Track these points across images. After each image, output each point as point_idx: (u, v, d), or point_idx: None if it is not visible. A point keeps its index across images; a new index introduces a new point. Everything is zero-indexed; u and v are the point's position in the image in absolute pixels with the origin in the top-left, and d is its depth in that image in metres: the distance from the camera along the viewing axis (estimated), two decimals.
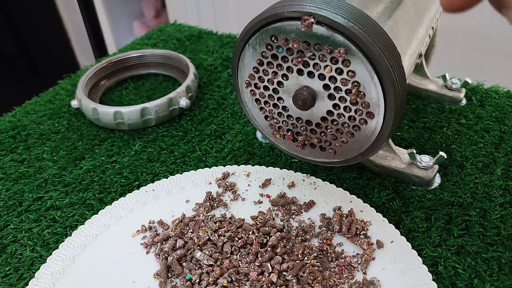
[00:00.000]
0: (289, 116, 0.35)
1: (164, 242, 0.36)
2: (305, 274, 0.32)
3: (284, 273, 0.33)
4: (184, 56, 0.59)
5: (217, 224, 0.36)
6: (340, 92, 0.32)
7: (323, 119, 0.34)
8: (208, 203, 0.39)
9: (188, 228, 0.37)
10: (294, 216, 0.38)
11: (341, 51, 0.29)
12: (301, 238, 0.35)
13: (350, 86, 0.31)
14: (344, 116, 0.33)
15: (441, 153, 0.40)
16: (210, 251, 0.34)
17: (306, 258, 0.34)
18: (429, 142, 0.46)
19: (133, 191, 0.41)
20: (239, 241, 0.35)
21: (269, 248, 0.34)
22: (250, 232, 0.36)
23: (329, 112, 0.33)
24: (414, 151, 0.40)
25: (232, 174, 0.42)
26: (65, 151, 0.49)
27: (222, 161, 0.46)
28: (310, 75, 0.32)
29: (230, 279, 0.32)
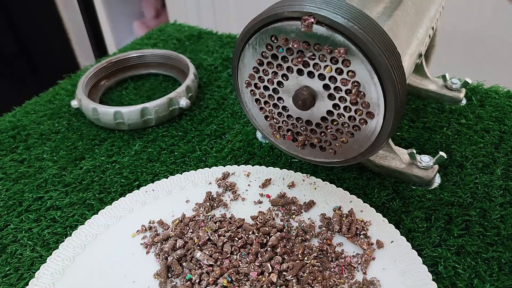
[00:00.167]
0: (289, 116, 0.35)
1: (164, 242, 0.36)
2: (305, 274, 0.32)
3: (284, 273, 0.33)
4: (184, 56, 0.59)
5: (217, 224, 0.36)
6: (340, 92, 0.31)
7: (323, 119, 0.34)
8: (208, 203, 0.39)
9: (188, 228, 0.37)
10: (294, 216, 0.38)
11: (341, 51, 0.29)
12: (301, 238, 0.35)
13: (350, 86, 0.31)
14: (344, 116, 0.33)
15: (441, 153, 0.40)
16: (210, 251, 0.34)
17: (306, 258, 0.34)
18: (429, 142, 0.46)
19: (133, 191, 0.41)
20: (239, 241, 0.35)
21: (269, 248, 0.34)
22: (250, 232, 0.36)
23: (329, 112, 0.33)
24: (414, 151, 0.40)
25: (232, 174, 0.42)
26: (65, 151, 0.49)
27: (222, 161, 0.46)
28: (310, 75, 0.32)
29: (230, 279, 0.32)
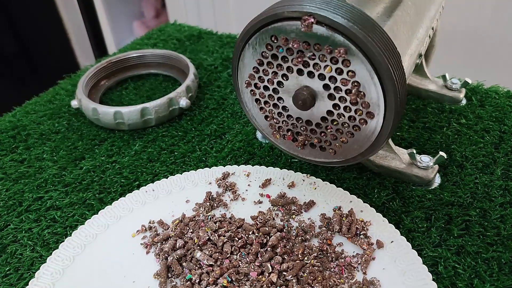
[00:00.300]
0: (289, 116, 0.35)
1: (164, 242, 0.36)
2: (305, 274, 0.32)
3: (284, 273, 0.33)
4: (184, 56, 0.59)
5: (217, 224, 0.36)
6: (340, 92, 0.31)
7: (323, 119, 0.34)
8: (208, 203, 0.39)
9: (188, 228, 0.37)
10: (294, 216, 0.38)
11: (341, 51, 0.29)
12: (301, 238, 0.35)
13: (350, 86, 0.31)
14: (344, 116, 0.33)
15: (441, 153, 0.40)
16: (210, 251, 0.34)
17: (306, 258, 0.34)
18: (429, 142, 0.46)
19: (133, 191, 0.41)
20: (239, 241, 0.35)
21: (269, 248, 0.34)
22: (250, 232, 0.36)
23: (329, 112, 0.33)
24: (414, 151, 0.40)
25: (232, 174, 0.42)
26: (65, 151, 0.49)
27: (222, 161, 0.46)
28: (310, 75, 0.32)
29: (230, 279, 0.32)
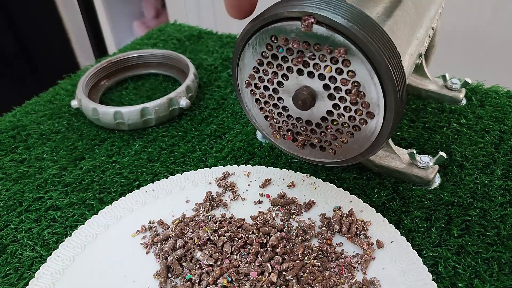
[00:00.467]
0: (289, 116, 0.35)
1: (164, 242, 0.36)
2: (305, 274, 0.32)
3: (284, 273, 0.33)
4: (184, 56, 0.59)
5: (217, 224, 0.36)
6: (340, 92, 0.31)
7: (323, 119, 0.34)
8: (208, 203, 0.39)
9: (188, 228, 0.37)
10: (294, 216, 0.38)
11: (341, 51, 0.29)
12: (301, 238, 0.35)
13: (350, 86, 0.31)
14: (344, 116, 0.33)
15: (441, 153, 0.40)
16: (210, 251, 0.34)
17: (306, 258, 0.34)
18: (429, 142, 0.46)
19: (133, 191, 0.41)
20: (239, 241, 0.35)
21: (269, 248, 0.34)
22: (250, 232, 0.36)
23: (329, 112, 0.33)
24: (414, 151, 0.40)
25: (232, 174, 0.42)
26: (65, 151, 0.49)
27: (222, 161, 0.46)
28: (310, 75, 0.32)
29: (230, 279, 0.32)
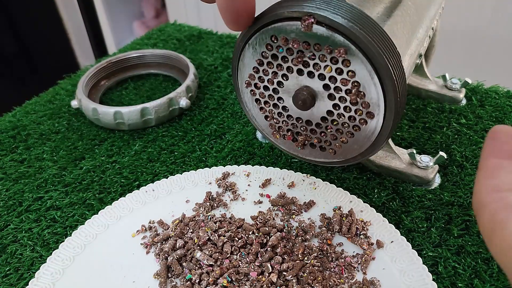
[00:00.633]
0: (289, 116, 0.35)
1: (164, 242, 0.36)
2: (305, 274, 0.32)
3: (284, 273, 0.33)
4: (184, 56, 0.59)
5: (217, 224, 0.36)
6: (340, 92, 0.31)
7: (323, 119, 0.34)
8: (208, 203, 0.39)
9: (188, 228, 0.37)
10: (294, 216, 0.38)
11: (341, 51, 0.29)
12: (301, 238, 0.35)
13: (350, 86, 0.31)
14: (344, 116, 0.33)
15: (441, 153, 0.40)
16: (210, 251, 0.34)
17: (306, 258, 0.34)
18: (429, 142, 0.46)
19: (133, 191, 0.41)
20: (239, 241, 0.35)
21: (269, 248, 0.34)
22: (250, 232, 0.36)
23: (329, 112, 0.33)
24: (414, 151, 0.40)
25: (232, 174, 0.42)
26: (65, 151, 0.49)
27: (222, 161, 0.46)
28: (310, 75, 0.32)
29: (230, 279, 0.32)
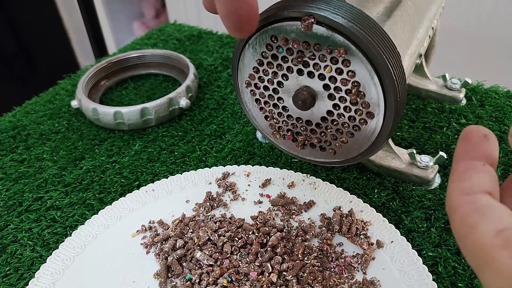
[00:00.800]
0: (289, 116, 0.35)
1: (164, 242, 0.36)
2: (305, 274, 0.32)
3: (284, 273, 0.33)
4: (184, 56, 0.59)
5: (217, 224, 0.36)
6: (340, 92, 0.32)
7: (323, 119, 0.34)
8: (208, 203, 0.39)
9: (188, 228, 0.37)
10: (294, 216, 0.38)
11: (341, 51, 0.29)
12: (301, 238, 0.35)
13: (350, 86, 0.31)
14: (344, 116, 0.33)
15: (441, 153, 0.40)
16: (210, 251, 0.34)
17: (306, 258, 0.34)
18: (429, 142, 0.46)
19: (133, 191, 0.41)
20: (239, 241, 0.35)
21: (269, 248, 0.34)
22: (250, 232, 0.36)
23: (329, 112, 0.33)
24: (414, 151, 0.40)
25: (232, 174, 0.42)
26: (65, 151, 0.49)
27: (222, 161, 0.46)
28: (310, 75, 0.32)
29: (230, 279, 0.32)
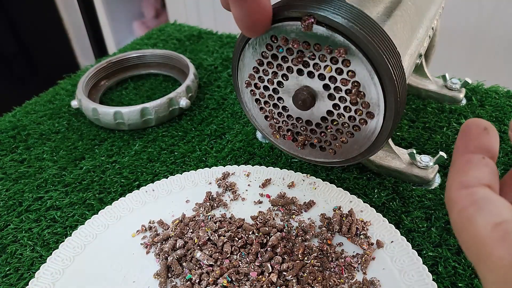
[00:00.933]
0: (289, 116, 0.35)
1: (164, 242, 0.36)
2: (305, 274, 0.32)
3: (284, 273, 0.33)
4: (184, 56, 0.59)
5: (217, 224, 0.36)
6: (340, 92, 0.32)
7: (323, 119, 0.34)
8: (208, 203, 0.39)
9: (188, 228, 0.37)
10: (294, 216, 0.38)
11: (341, 51, 0.29)
12: (301, 238, 0.35)
13: (350, 86, 0.31)
14: (344, 116, 0.33)
15: (441, 153, 0.40)
16: (210, 251, 0.34)
17: (306, 258, 0.34)
18: (429, 142, 0.46)
19: (133, 191, 0.41)
20: (239, 241, 0.35)
21: (269, 248, 0.34)
22: (250, 232, 0.36)
23: (329, 112, 0.33)
24: (414, 151, 0.40)
25: (232, 174, 0.42)
26: (65, 151, 0.49)
27: (222, 161, 0.46)
28: (310, 75, 0.32)
29: (230, 279, 0.32)
